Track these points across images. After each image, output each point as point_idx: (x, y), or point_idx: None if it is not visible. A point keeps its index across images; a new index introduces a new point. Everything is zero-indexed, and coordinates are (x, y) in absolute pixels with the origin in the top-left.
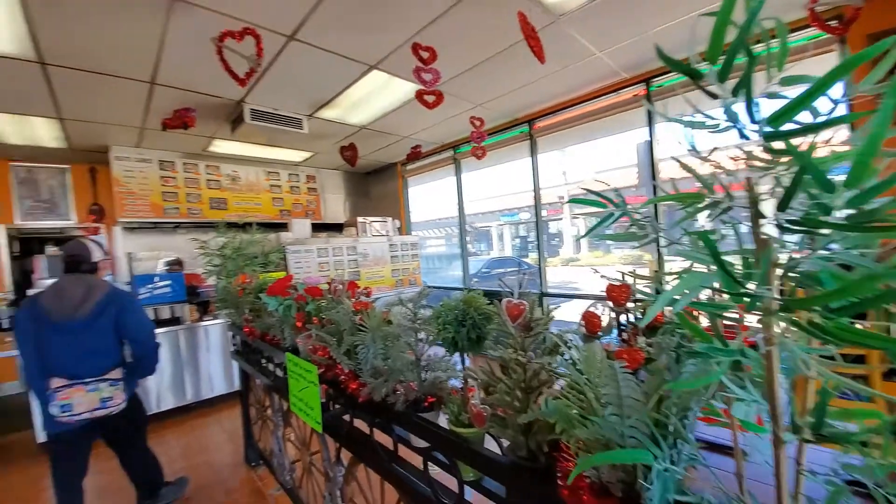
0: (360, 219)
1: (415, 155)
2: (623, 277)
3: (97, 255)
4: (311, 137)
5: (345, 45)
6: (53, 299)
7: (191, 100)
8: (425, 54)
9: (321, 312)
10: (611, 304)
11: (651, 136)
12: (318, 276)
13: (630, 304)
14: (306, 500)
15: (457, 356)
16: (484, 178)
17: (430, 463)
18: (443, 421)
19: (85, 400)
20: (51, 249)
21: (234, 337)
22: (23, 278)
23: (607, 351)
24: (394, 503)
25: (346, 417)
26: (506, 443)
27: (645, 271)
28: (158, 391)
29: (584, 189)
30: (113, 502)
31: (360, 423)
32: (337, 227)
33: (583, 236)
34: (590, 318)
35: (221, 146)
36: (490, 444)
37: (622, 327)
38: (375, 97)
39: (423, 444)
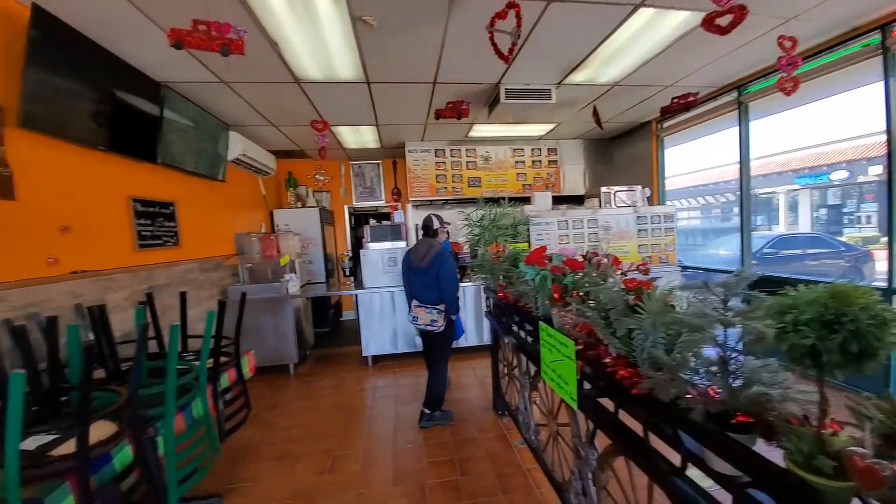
0: (603, 189)
1: (680, 106)
2: None
3: (436, 225)
4: (557, 107)
5: None
6: (413, 251)
7: (460, 91)
8: None
9: (579, 286)
10: None
11: None
12: (572, 248)
13: None
14: (551, 465)
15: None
16: (767, 130)
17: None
18: (767, 452)
19: (424, 317)
20: (372, 222)
21: (488, 299)
22: (356, 242)
23: None
24: None
25: (603, 401)
26: None
27: None
28: None
29: None
30: (409, 408)
31: (615, 411)
32: (577, 199)
33: None
34: None
35: (479, 130)
36: None
37: None
38: (635, 44)
39: (727, 468)
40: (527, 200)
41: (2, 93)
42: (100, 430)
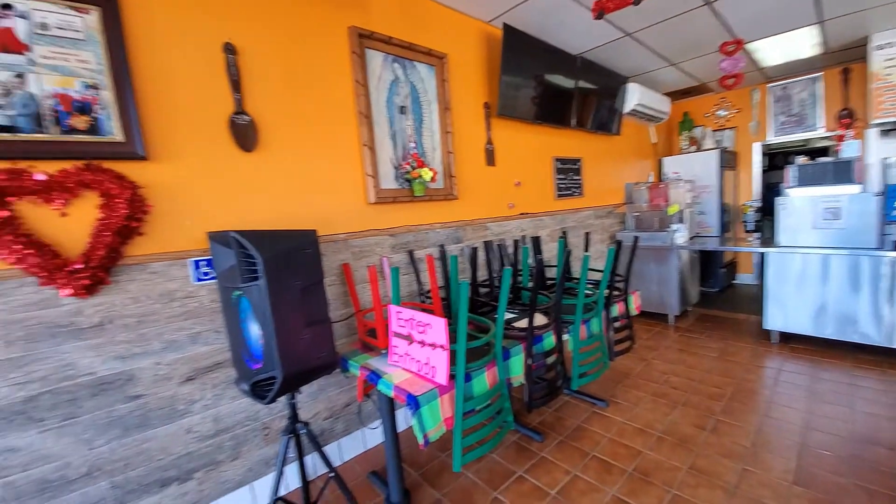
0: None
1: None
2: None
3: None
4: None
5: None
6: None
7: None
8: None
9: None
10: None
11: None
12: None
13: None
14: None
15: None
16: None
17: None
18: None
19: None
20: (800, 160)
21: None
22: (766, 190)
23: None
24: None
25: None
26: None
27: None
28: None
29: None
30: (830, 410)
31: None
32: None
33: None
34: None
35: None
36: None
37: None
38: None
39: None
40: None
41: (490, 96)
42: (538, 319)
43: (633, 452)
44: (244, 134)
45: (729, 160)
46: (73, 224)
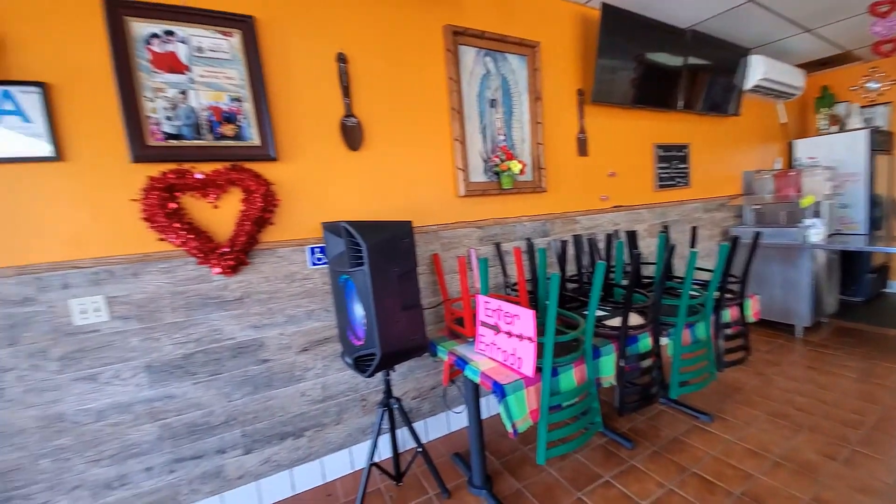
0: None
1: None
2: None
3: None
4: None
5: None
6: None
7: None
8: None
9: None
10: None
11: None
12: None
13: None
14: None
15: None
16: None
17: None
18: None
19: None
20: None
21: None
22: None
23: None
24: None
25: None
26: None
27: None
28: None
29: None
30: None
31: None
32: None
33: None
34: None
35: None
36: None
37: None
38: None
39: None
40: None
41: (585, 82)
42: (633, 319)
43: (742, 475)
44: (352, 135)
45: (882, 142)
46: (221, 215)
